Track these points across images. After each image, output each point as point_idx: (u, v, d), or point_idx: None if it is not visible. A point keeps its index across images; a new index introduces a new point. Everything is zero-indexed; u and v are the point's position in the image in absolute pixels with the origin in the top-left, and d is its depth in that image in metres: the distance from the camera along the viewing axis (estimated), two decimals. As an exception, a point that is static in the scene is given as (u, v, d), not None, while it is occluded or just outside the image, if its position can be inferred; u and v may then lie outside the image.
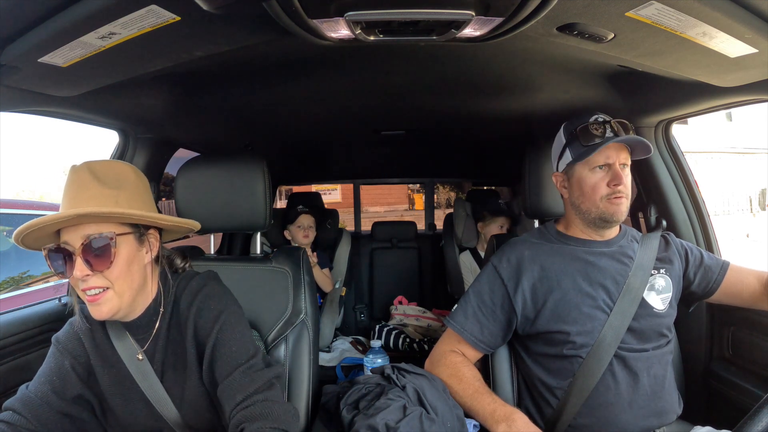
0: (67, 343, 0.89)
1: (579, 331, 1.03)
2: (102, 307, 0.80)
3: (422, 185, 3.51)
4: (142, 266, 0.86)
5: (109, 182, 0.82)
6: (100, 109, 1.18)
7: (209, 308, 0.89)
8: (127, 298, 0.83)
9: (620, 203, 1.05)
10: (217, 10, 0.68)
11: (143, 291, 0.88)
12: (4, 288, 2.84)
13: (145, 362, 0.90)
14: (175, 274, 0.95)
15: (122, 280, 0.81)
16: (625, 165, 1.06)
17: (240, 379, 0.83)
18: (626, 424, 1.01)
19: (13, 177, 16.91)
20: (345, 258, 2.50)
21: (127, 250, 0.82)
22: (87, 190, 0.79)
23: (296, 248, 1.32)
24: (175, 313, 0.91)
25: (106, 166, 0.85)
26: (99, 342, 0.90)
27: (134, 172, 0.89)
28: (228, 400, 0.83)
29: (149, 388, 0.89)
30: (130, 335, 0.90)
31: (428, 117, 1.69)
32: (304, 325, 1.22)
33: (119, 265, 0.80)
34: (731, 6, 0.72)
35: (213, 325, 0.87)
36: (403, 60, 1.09)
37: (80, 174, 0.81)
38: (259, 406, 0.81)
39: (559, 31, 0.81)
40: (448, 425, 0.96)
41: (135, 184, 0.86)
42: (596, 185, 1.05)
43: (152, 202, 0.90)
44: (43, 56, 0.79)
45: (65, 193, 0.81)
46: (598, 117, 1.06)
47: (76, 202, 0.79)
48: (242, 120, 1.62)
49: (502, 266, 1.12)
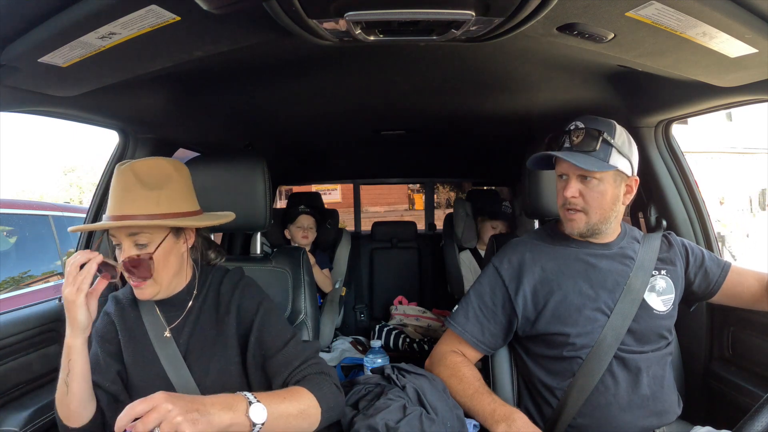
0: (104, 332, 0.98)
1: (579, 332, 1.03)
2: (144, 291, 0.91)
3: (422, 185, 3.51)
4: (179, 255, 0.95)
5: (151, 183, 0.88)
6: (100, 109, 1.18)
7: (251, 295, 0.99)
8: (166, 283, 0.93)
9: (573, 218, 1.05)
10: (217, 10, 0.68)
11: (179, 274, 0.96)
12: (4, 288, 2.84)
13: (171, 340, 0.95)
14: (207, 266, 1.03)
15: (161, 271, 0.91)
16: (589, 177, 1.01)
17: (293, 350, 0.94)
18: (626, 424, 1.01)
19: (13, 177, 16.93)
20: (345, 258, 2.49)
21: (166, 247, 0.90)
22: (130, 193, 0.87)
23: (296, 248, 1.32)
24: (211, 295, 0.99)
25: (148, 167, 0.90)
26: (128, 317, 0.98)
27: (175, 168, 0.93)
28: (284, 366, 0.92)
29: (170, 365, 0.93)
30: (160, 312, 0.97)
31: (428, 117, 1.69)
32: (304, 325, 1.22)
33: (158, 263, 0.89)
34: (731, 6, 0.72)
35: (257, 308, 0.97)
36: (403, 60, 1.09)
37: (125, 176, 0.88)
38: (314, 367, 0.92)
39: (559, 31, 0.81)
40: (448, 425, 0.96)
41: (176, 181, 0.92)
42: (558, 193, 1.07)
43: (192, 196, 0.97)
44: (43, 56, 0.79)
45: (112, 193, 0.89)
46: (572, 124, 1.05)
47: (122, 204, 0.87)
48: (242, 120, 1.62)
49: (503, 267, 1.12)
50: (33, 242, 3.14)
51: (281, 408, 0.81)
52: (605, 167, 1.00)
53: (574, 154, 1.01)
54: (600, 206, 1.03)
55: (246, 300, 0.97)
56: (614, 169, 1.01)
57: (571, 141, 1.03)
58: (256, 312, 0.96)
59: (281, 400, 0.82)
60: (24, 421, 1.07)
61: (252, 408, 0.76)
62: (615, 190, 1.03)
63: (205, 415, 0.71)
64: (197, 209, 0.96)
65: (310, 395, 0.86)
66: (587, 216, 1.04)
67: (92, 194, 1.45)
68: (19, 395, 1.14)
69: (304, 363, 0.92)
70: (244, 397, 0.78)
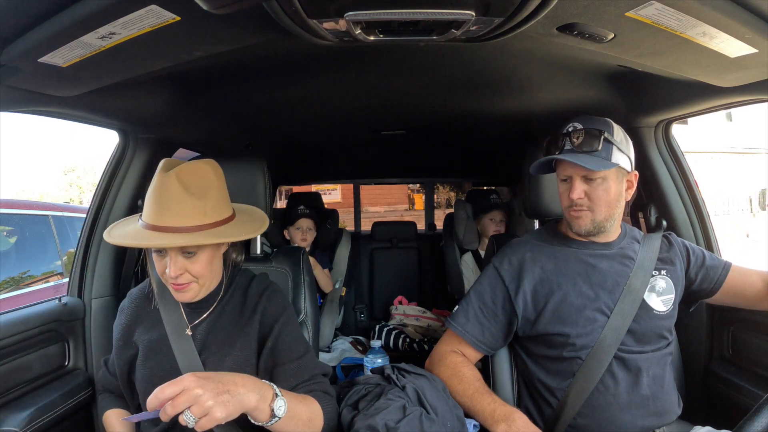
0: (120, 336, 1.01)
1: (579, 333, 1.03)
2: (187, 294, 0.92)
3: (422, 185, 3.51)
4: (220, 258, 0.97)
5: (197, 191, 0.87)
6: (100, 109, 1.18)
7: (277, 301, 1.01)
8: (207, 286, 0.95)
9: (579, 216, 1.05)
10: (217, 10, 0.68)
11: (218, 276, 0.99)
12: (4, 288, 2.84)
13: (190, 337, 0.96)
14: (234, 267, 1.04)
15: (206, 275, 0.92)
16: (592, 178, 1.02)
17: (306, 363, 0.96)
18: (626, 424, 1.01)
19: (13, 177, 16.93)
20: (345, 258, 2.49)
21: (211, 251, 0.92)
22: (178, 204, 0.85)
23: (296, 248, 1.32)
24: (236, 297, 1.00)
25: (192, 173, 0.89)
26: (144, 311, 1.01)
27: (215, 174, 0.93)
28: (294, 377, 0.93)
29: (185, 359, 0.94)
30: (183, 309, 0.99)
31: (428, 117, 1.69)
32: (304, 325, 1.22)
33: (204, 265, 0.91)
34: (731, 6, 0.72)
35: (280, 316, 0.98)
36: (403, 60, 1.09)
37: (169, 182, 0.86)
38: (320, 385, 0.95)
39: (559, 31, 0.81)
40: (448, 425, 0.96)
41: (218, 188, 0.92)
42: (562, 196, 1.08)
43: (228, 199, 0.97)
44: (43, 56, 0.79)
45: (154, 199, 0.87)
46: (570, 126, 1.05)
47: (170, 215, 0.85)
48: (242, 120, 1.62)
49: (503, 267, 1.12)
50: (33, 242, 3.14)
51: (297, 409, 0.84)
52: (609, 165, 1.01)
53: (578, 156, 1.01)
54: (606, 204, 1.04)
55: (271, 305, 0.99)
56: (617, 166, 1.02)
57: (572, 143, 1.03)
58: (277, 319, 0.98)
59: (298, 401, 0.85)
60: (24, 421, 1.07)
61: (277, 400, 0.79)
62: (618, 186, 1.05)
63: (235, 395, 0.72)
64: (232, 212, 0.96)
65: (318, 407, 0.90)
66: (593, 213, 1.04)
67: (92, 194, 1.45)
68: (19, 395, 1.14)
69: (312, 379, 0.95)
70: (271, 387, 0.80)
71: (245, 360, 0.95)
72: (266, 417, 0.77)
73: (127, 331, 1.01)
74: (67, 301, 1.34)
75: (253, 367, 0.96)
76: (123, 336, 1.00)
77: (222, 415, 0.69)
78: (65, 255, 3.24)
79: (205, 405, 0.68)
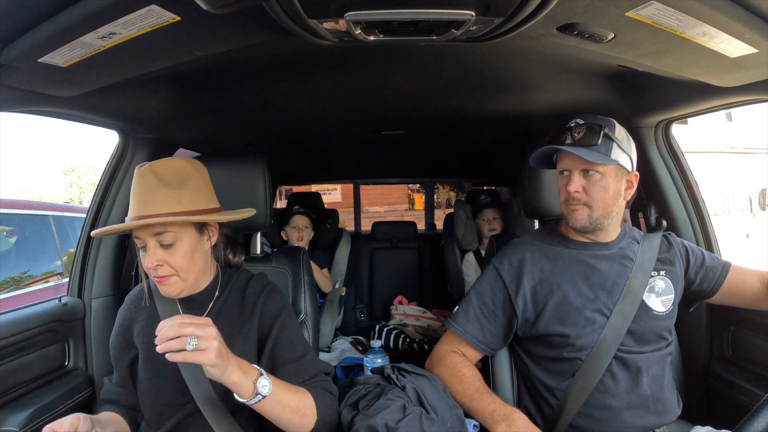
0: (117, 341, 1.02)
1: (579, 334, 1.03)
2: (168, 288, 0.92)
3: (422, 185, 3.51)
4: (204, 252, 0.96)
5: (172, 183, 0.89)
6: (100, 109, 1.18)
7: (275, 300, 1.01)
8: (191, 281, 0.94)
9: (575, 210, 1.05)
10: (217, 10, 0.68)
11: (205, 272, 0.98)
12: (4, 288, 2.84)
13: None
14: (229, 267, 1.06)
15: (186, 268, 0.92)
16: (591, 171, 1.03)
17: (307, 364, 0.97)
18: (626, 424, 1.01)
19: (13, 177, 16.93)
20: (345, 258, 2.49)
21: (190, 243, 0.92)
22: (152, 193, 0.88)
23: (296, 248, 1.32)
24: (234, 296, 1.01)
25: (168, 167, 0.91)
26: (147, 312, 1.01)
27: (194, 167, 0.95)
28: (294, 376, 0.94)
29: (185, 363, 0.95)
30: (181, 309, 0.99)
31: (428, 117, 1.69)
32: (304, 325, 1.22)
33: (183, 257, 0.91)
34: (731, 6, 0.72)
35: (278, 315, 0.99)
36: (403, 60, 1.09)
37: (145, 177, 0.89)
38: (322, 384, 0.97)
39: (559, 31, 0.81)
40: (448, 425, 0.96)
41: (195, 180, 0.93)
42: (560, 190, 1.08)
43: (212, 194, 0.98)
44: (43, 56, 0.78)
45: (133, 195, 0.90)
46: (572, 122, 1.06)
47: (143, 205, 0.88)
48: (242, 120, 1.62)
49: (503, 268, 1.12)
50: (33, 242, 3.14)
51: (284, 395, 0.86)
52: (608, 160, 1.01)
53: (578, 148, 1.02)
54: (603, 200, 1.04)
55: (269, 305, 1.00)
56: (616, 163, 1.02)
57: (573, 137, 1.03)
58: (276, 319, 0.98)
59: (286, 389, 0.87)
60: (24, 421, 1.07)
61: (261, 379, 0.82)
62: (617, 185, 1.04)
63: (227, 361, 0.78)
64: (218, 206, 0.98)
65: (311, 399, 0.91)
66: (590, 209, 1.04)
67: (92, 194, 1.45)
68: (19, 395, 1.14)
69: (313, 379, 0.96)
70: (257, 369, 0.84)
71: (246, 359, 0.95)
72: (250, 393, 0.81)
73: (126, 333, 1.01)
74: (67, 301, 1.34)
75: None
76: (123, 338, 1.01)
77: (211, 361, 0.75)
78: (65, 255, 3.24)
79: (210, 343, 0.75)
